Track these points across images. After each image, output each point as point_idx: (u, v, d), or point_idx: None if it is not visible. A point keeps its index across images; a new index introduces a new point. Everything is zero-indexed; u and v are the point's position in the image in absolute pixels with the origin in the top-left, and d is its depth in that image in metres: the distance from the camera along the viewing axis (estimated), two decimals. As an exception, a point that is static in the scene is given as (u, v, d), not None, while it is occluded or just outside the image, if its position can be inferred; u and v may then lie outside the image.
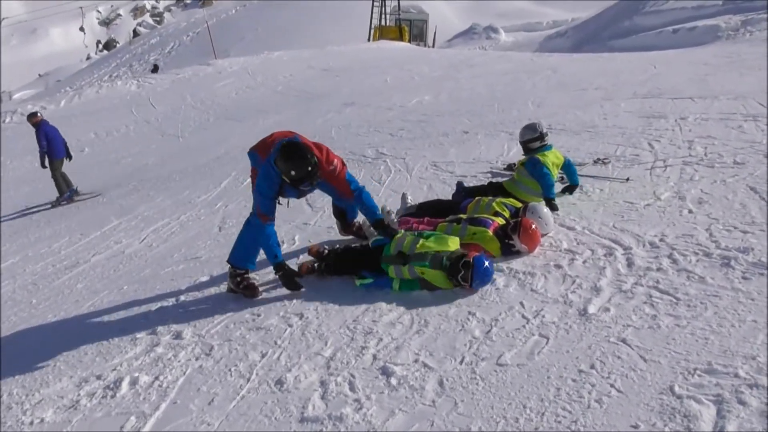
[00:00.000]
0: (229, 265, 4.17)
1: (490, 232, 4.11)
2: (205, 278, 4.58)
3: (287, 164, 3.75)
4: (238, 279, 4.10)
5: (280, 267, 3.98)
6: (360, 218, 4.70)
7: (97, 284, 5.01)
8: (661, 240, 3.97)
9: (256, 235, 3.98)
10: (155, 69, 27.95)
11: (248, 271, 4.16)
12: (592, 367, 2.72)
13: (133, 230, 6.59)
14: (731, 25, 20.49)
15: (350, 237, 4.85)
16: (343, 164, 4.11)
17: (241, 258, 4.12)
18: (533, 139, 5.10)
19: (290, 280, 4.00)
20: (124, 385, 3.16)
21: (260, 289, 4.10)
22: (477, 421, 2.51)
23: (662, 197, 4.81)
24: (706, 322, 2.95)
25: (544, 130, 5.13)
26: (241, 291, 4.08)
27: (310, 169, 3.75)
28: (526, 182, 4.99)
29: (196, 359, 3.33)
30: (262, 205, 3.91)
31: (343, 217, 4.79)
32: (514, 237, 4.05)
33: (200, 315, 3.88)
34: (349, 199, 4.19)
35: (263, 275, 4.33)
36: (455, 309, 3.46)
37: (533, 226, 4.07)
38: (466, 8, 56.25)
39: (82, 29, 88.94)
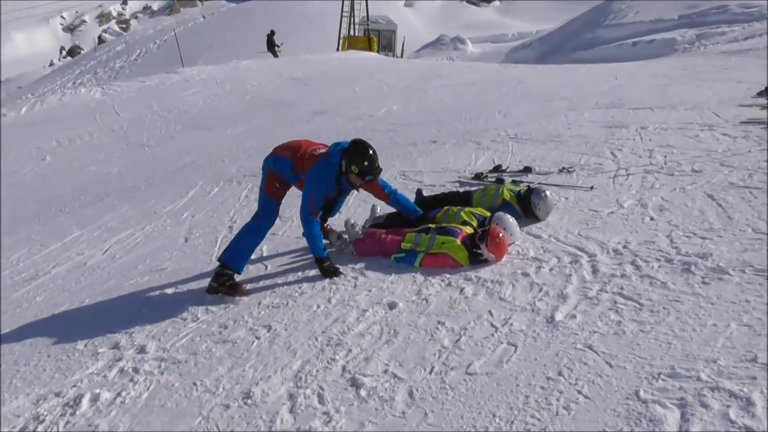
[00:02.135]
0: (218, 264, 4.20)
1: (458, 242, 4.12)
2: (170, 290, 4.45)
3: (361, 156, 4.09)
4: (225, 278, 4.11)
5: (326, 260, 4.21)
6: (350, 219, 5.01)
7: (57, 297, 4.82)
8: (624, 247, 4.03)
9: (309, 229, 4.15)
10: (271, 35, 26.71)
11: (235, 273, 4.18)
12: (560, 374, 2.74)
13: (95, 241, 6.38)
14: (687, 38, 21.21)
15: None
16: None
17: (234, 259, 4.19)
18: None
19: (333, 272, 4.19)
20: (85, 402, 3.04)
21: (245, 290, 4.13)
22: (447, 431, 2.49)
23: (625, 205, 4.90)
24: (669, 327, 3.00)
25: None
26: (226, 290, 4.10)
27: (377, 162, 4.16)
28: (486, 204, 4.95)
29: (161, 374, 3.23)
30: (317, 203, 4.12)
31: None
32: (481, 246, 4.06)
33: (165, 328, 3.76)
34: (384, 201, 4.63)
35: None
36: (424, 319, 3.44)
37: (500, 235, 4.10)
38: (434, 19, 56.86)
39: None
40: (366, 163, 4.10)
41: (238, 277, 4.24)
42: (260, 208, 4.33)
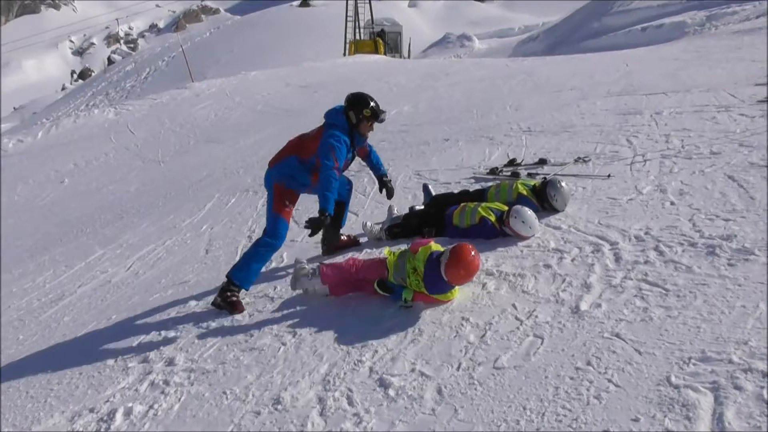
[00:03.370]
0: (226, 279, 4.19)
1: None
2: (194, 302, 4.51)
3: (365, 100, 4.22)
4: (228, 293, 4.14)
5: (328, 218, 3.88)
6: (366, 222, 5.07)
7: (84, 316, 4.92)
8: (646, 233, 4.00)
9: (330, 176, 3.98)
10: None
11: (241, 290, 4.20)
12: (589, 363, 2.73)
13: (118, 259, 6.50)
14: (697, 20, 20.96)
15: (339, 249, 4.84)
16: None
17: (243, 277, 4.17)
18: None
19: (320, 230, 3.95)
20: (118, 416, 3.10)
21: (244, 307, 4.13)
22: (478, 426, 2.50)
23: (644, 191, 4.86)
24: (697, 311, 2.97)
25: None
26: (227, 306, 4.12)
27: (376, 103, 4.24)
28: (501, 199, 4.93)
29: (191, 384, 3.28)
30: (339, 159, 4.04)
31: (335, 231, 4.78)
32: (440, 267, 3.49)
33: (192, 339, 3.82)
34: (367, 154, 4.59)
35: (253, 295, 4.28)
36: (448, 316, 3.45)
37: (469, 255, 3.48)
38: (439, 18, 56.85)
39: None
40: (372, 103, 4.22)
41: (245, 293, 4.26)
42: (268, 226, 4.24)
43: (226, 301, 4.13)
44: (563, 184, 4.75)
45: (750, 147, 5.48)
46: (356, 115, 4.19)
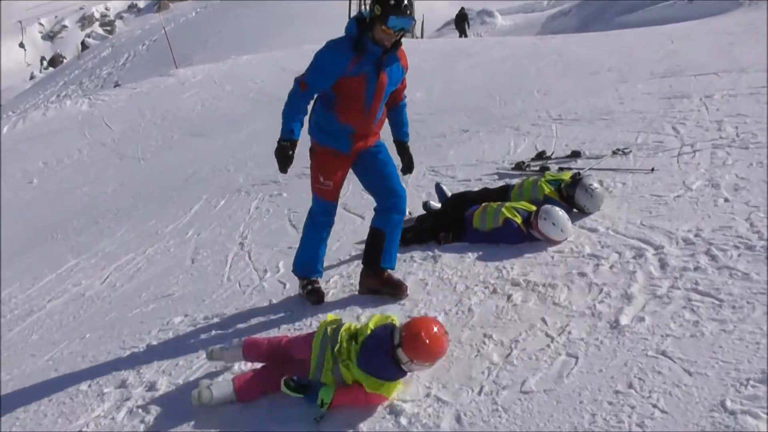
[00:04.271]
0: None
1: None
2: (179, 318, 4.53)
3: None
4: (305, 282, 4.19)
5: (290, 145, 3.66)
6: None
7: (55, 334, 4.95)
8: (696, 235, 3.97)
9: (290, 96, 3.69)
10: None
11: (316, 280, 4.21)
12: (630, 386, 2.71)
13: (93, 269, 6.54)
14: (754, -11, 20.74)
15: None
16: None
17: (304, 267, 4.19)
18: None
19: (284, 159, 3.69)
20: (93, 448, 3.11)
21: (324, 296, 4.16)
22: (503, 459, 2.48)
23: (693, 187, 4.83)
24: (756, 325, 2.94)
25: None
26: (306, 296, 4.18)
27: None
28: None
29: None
30: (317, 71, 3.62)
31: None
32: (397, 350, 2.92)
33: (176, 361, 3.82)
34: (395, 104, 3.99)
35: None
36: (468, 332, 3.43)
37: (432, 332, 2.91)
38: (456, -8, 56.75)
39: (22, 45, 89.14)
40: None
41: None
42: (313, 204, 4.11)
43: (305, 290, 4.18)
44: (595, 186, 4.64)
45: (816, 134, 5.42)
46: (369, 12, 3.52)
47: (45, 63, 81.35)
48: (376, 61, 3.61)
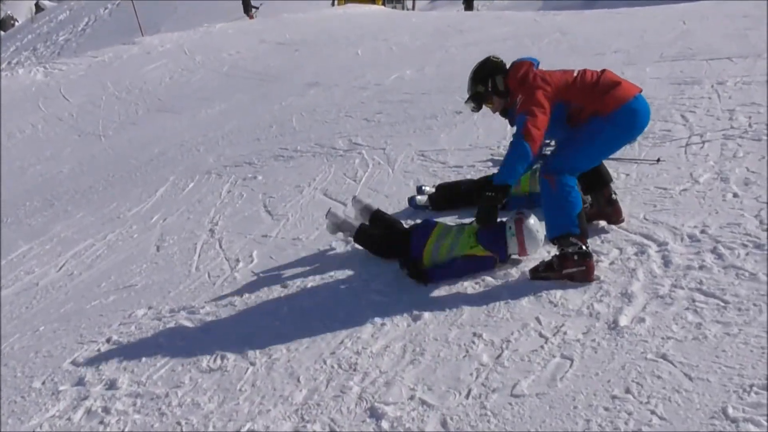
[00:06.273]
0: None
1: None
2: (142, 310, 4.54)
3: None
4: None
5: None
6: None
7: (6, 326, 4.93)
8: (702, 232, 4.03)
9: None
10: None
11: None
12: (628, 391, 2.76)
13: (47, 256, 6.50)
14: (773, -33, 20.89)
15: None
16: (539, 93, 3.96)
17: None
18: None
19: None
20: (47, 450, 3.13)
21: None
22: (490, 466, 2.53)
23: (701, 180, 4.88)
24: (762, 328, 3.00)
25: None
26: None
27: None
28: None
29: (137, 413, 3.30)
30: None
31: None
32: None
33: (138, 357, 3.84)
34: None
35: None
36: (457, 331, 3.48)
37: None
38: (451, -40, 56.53)
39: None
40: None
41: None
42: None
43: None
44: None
45: (834, 126, 5.50)
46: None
47: (-6, 26, 79.90)
48: None
